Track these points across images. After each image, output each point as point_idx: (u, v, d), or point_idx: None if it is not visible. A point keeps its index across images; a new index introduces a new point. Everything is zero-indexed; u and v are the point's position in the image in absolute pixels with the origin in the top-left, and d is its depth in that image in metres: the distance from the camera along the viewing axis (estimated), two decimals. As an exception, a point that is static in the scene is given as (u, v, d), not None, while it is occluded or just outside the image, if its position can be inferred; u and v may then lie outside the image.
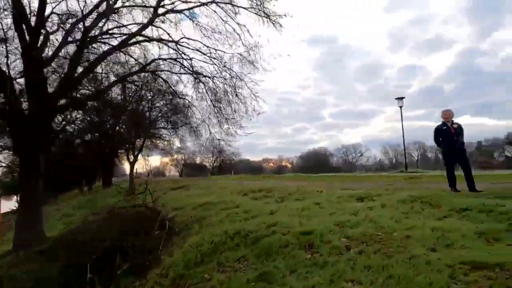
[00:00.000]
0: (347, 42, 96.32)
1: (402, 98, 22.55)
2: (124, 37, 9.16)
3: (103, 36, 9.59)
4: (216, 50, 10.72)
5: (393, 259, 2.63)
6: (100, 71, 11.58)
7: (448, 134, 5.40)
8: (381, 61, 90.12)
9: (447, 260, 2.40)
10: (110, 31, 9.86)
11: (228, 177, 26.79)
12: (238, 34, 10.18)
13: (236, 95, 11.82)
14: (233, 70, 11.27)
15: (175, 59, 10.84)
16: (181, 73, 10.84)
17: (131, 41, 9.75)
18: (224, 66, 11.14)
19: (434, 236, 2.94)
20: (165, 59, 10.87)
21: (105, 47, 9.71)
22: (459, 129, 5.44)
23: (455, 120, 5.52)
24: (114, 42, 9.79)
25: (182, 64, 10.81)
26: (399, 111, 22.65)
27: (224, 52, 10.86)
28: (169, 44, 10.34)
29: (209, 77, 11.52)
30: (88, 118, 18.99)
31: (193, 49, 10.43)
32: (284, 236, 3.73)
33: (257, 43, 10.26)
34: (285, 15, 9.65)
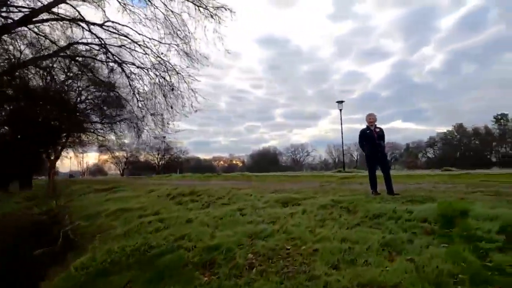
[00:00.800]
0: (299, 45, 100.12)
1: (341, 102, 23.98)
2: (28, 11, 7.66)
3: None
4: (150, 39, 9.74)
5: (292, 281, 2.30)
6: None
7: (371, 138, 5.47)
8: (328, 67, 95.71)
9: (345, 281, 2.15)
10: (13, 2, 8.21)
11: (170, 177, 25.37)
12: (173, 24, 9.37)
13: (172, 89, 10.97)
14: (169, 63, 10.40)
15: (99, 45, 9.54)
16: (103, 61, 9.60)
17: (40, 18, 8.24)
18: (159, 57, 10.21)
19: (340, 249, 2.72)
20: (86, 44, 9.50)
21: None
22: (381, 134, 5.56)
23: (380, 124, 5.65)
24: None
25: (108, 51, 9.56)
26: (342, 114, 23.97)
27: (160, 42, 9.94)
28: (92, 28, 9.04)
29: (141, 68, 10.47)
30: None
31: (121, 35, 9.28)
32: (188, 252, 3.22)
33: (193, 33, 9.59)
34: (223, 7, 9.14)
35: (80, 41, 9.24)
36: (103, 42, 9.13)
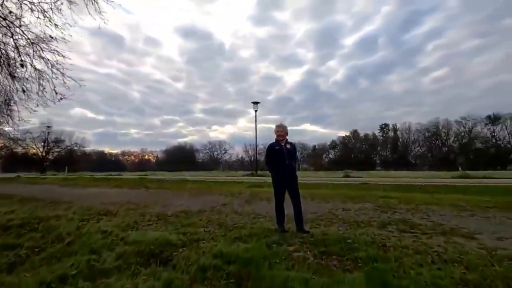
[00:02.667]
0: (222, 42, 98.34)
1: (257, 103, 23.42)
2: None
3: None
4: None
5: None
6: None
7: (280, 156, 4.10)
8: (248, 67, 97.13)
9: None
10: None
11: (46, 177, 20.06)
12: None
13: (22, 65, 7.60)
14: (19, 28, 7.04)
15: None
16: None
17: None
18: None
19: None
20: None
21: None
22: (293, 151, 4.25)
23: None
24: None
25: None
26: (259, 114, 23.26)
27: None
28: None
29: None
30: None
31: None
32: None
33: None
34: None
35: None
36: None
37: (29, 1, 6.52)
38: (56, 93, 7.31)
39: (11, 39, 7.12)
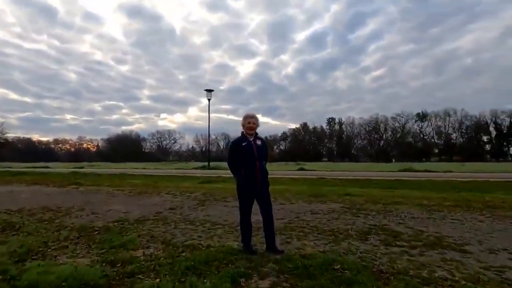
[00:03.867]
0: (172, 26, 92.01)
1: (210, 91, 21.94)
2: None
3: None
4: None
5: None
6: None
7: (249, 156, 3.14)
8: (201, 55, 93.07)
9: None
10: None
11: None
12: None
13: None
14: None
15: None
16: None
17: None
18: None
19: None
20: None
21: None
22: (265, 149, 3.33)
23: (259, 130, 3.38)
24: None
25: None
26: (212, 104, 21.81)
27: None
28: None
29: None
30: None
31: None
32: None
33: None
34: None
35: None
36: None
37: None
38: None
39: None
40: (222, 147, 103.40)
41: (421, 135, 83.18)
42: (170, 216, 5.12)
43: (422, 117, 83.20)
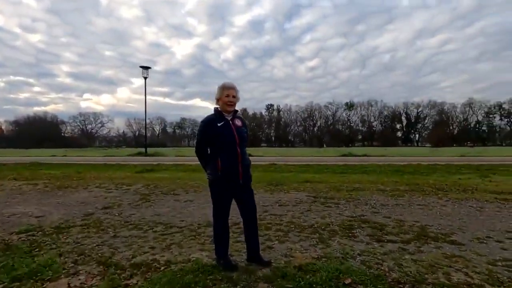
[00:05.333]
0: (94, -10, 79.98)
1: (147, 68, 19.50)
2: None
3: None
4: None
5: None
6: None
7: (227, 140, 2.30)
8: (132, 30, 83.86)
9: None
10: None
11: None
12: None
13: None
14: None
15: None
16: None
17: None
18: None
19: None
20: None
21: None
22: (245, 132, 2.51)
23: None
24: None
25: None
26: (146, 83, 19.43)
27: None
28: None
29: None
30: None
31: None
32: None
33: None
34: None
35: None
36: None
37: None
38: None
39: None
40: (158, 132, 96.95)
41: (349, 123, 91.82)
42: (105, 219, 3.95)
43: (349, 106, 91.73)
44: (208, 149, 2.40)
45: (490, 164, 10.79)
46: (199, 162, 2.52)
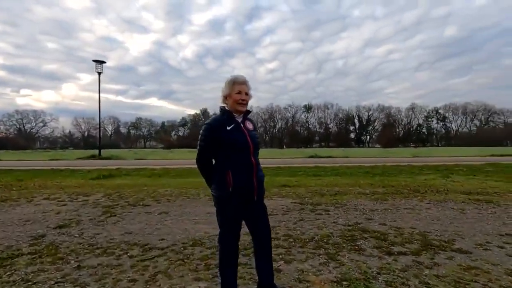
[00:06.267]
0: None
1: (102, 63, 17.66)
2: None
3: None
4: None
5: None
6: None
7: (240, 145, 1.85)
8: (79, 21, 76.96)
9: None
10: None
11: None
12: None
13: None
14: None
15: None
16: None
17: None
18: None
19: None
20: None
21: None
22: (257, 134, 2.08)
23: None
24: None
25: None
26: (96, 81, 17.66)
27: None
28: None
29: None
30: None
31: None
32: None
33: None
34: None
35: None
36: None
37: None
38: None
39: None
40: (110, 132, 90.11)
41: (307, 124, 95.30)
42: (62, 242, 3.19)
43: (308, 108, 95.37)
44: (216, 159, 1.93)
45: (444, 164, 11.71)
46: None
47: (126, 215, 4.34)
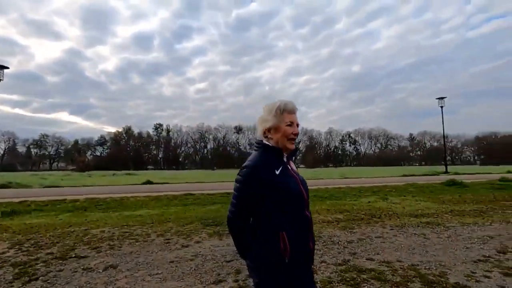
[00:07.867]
0: None
1: (3, 68, 14.20)
2: None
3: None
4: None
5: None
6: None
7: (295, 195, 1.35)
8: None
9: None
10: None
11: None
12: None
13: None
14: None
15: None
16: None
17: None
18: None
19: None
20: None
21: None
22: (303, 178, 1.61)
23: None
24: None
25: None
26: (-7, 86, 14.17)
27: None
28: None
29: None
30: None
31: None
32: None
33: None
34: None
35: None
36: None
37: None
38: None
39: None
40: (3, 151, 73.61)
41: (238, 145, 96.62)
42: None
43: (238, 130, 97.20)
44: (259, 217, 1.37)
45: (376, 186, 12.94)
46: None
47: (56, 278, 3.13)
